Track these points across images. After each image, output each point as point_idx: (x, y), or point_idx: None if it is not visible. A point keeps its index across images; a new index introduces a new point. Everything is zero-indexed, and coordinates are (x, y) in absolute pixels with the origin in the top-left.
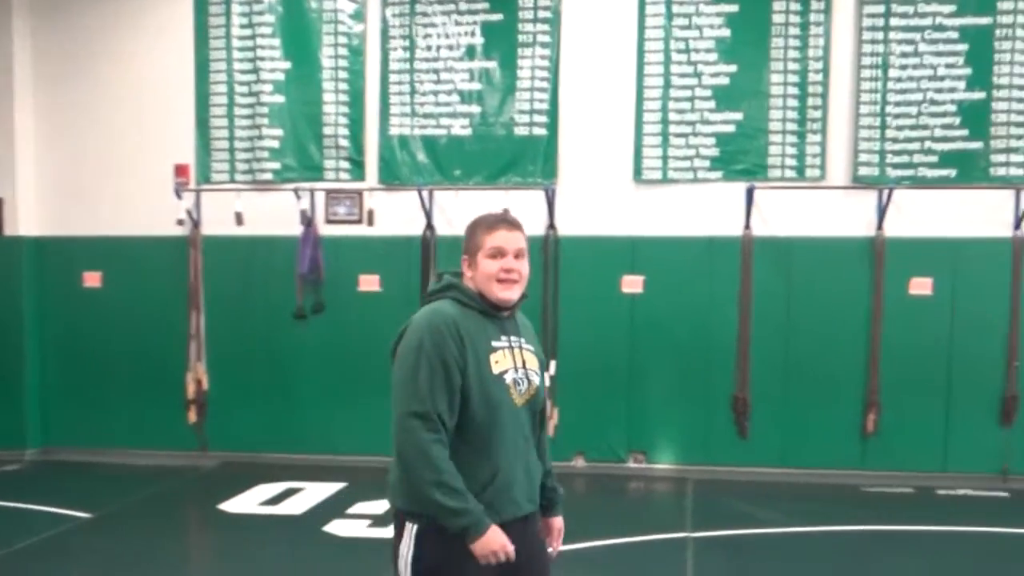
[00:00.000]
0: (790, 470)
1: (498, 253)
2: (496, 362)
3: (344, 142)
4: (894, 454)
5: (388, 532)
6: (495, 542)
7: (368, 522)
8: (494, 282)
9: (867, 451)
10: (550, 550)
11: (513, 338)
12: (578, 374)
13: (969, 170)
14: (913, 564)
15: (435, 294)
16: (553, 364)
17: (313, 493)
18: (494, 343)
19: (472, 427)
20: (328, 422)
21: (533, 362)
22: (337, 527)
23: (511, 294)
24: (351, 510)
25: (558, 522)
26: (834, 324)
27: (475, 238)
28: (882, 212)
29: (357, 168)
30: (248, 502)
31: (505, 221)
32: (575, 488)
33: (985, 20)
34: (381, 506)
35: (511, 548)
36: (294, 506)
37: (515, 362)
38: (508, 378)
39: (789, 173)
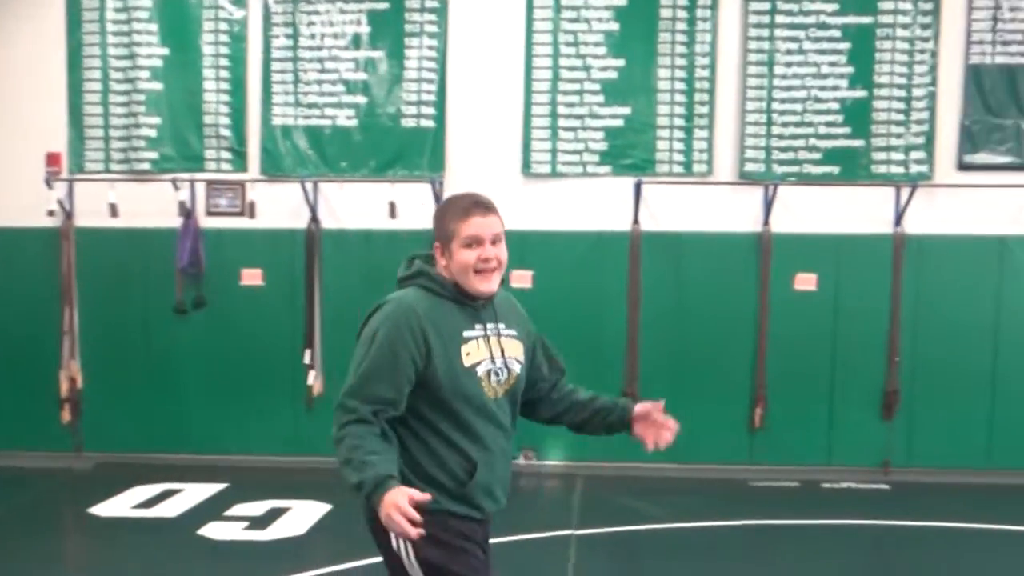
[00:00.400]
0: (679, 465)
1: (474, 241)
2: (467, 354)
3: (225, 131)
4: (780, 448)
5: (264, 535)
6: (388, 503)
7: (245, 524)
8: (471, 273)
9: (754, 445)
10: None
11: (490, 326)
12: None
13: (852, 167)
14: (798, 558)
15: (404, 281)
16: None
17: (192, 495)
18: (467, 333)
19: (443, 421)
20: (211, 420)
21: (515, 348)
22: (212, 530)
23: (490, 285)
24: (230, 512)
25: (644, 409)
26: (722, 319)
27: (447, 225)
28: (768, 208)
29: (239, 158)
30: (121, 505)
31: (479, 204)
32: None
33: (867, 19)
34: (261, 507)
35: (410, 512)
36: (170, 508)
37: (491, 352)
38: (481, 370)
39: (677, 168)
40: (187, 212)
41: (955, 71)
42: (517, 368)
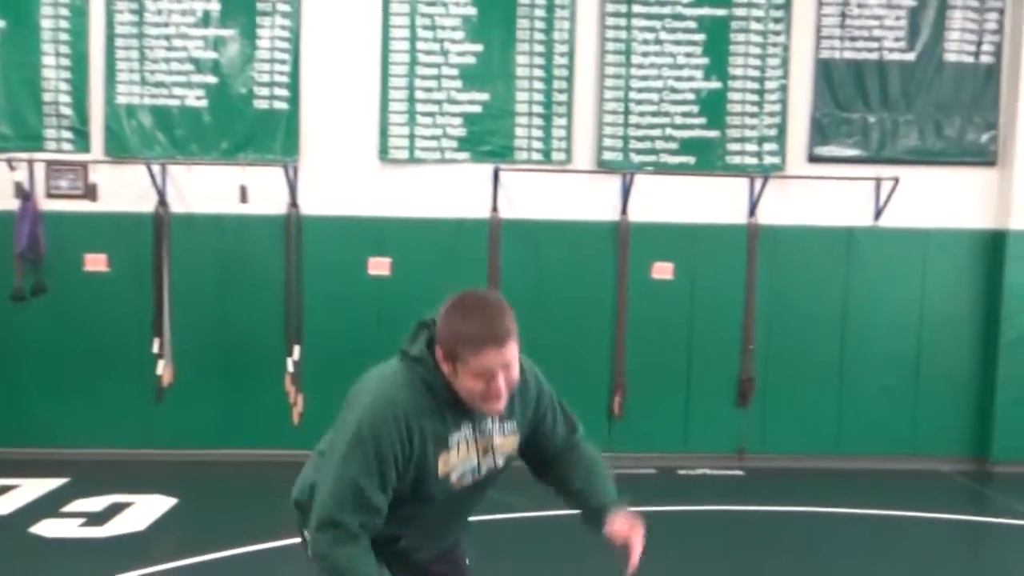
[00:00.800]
0: None
1: (486, 374)
2: (444, 463)
3: (66, 110)
4: (638, 435)
5: (101, 531)
6: None
7: (81, 521)
8: (478, 399)
9: (613, 433)
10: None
11: (480, 425)
12: (325, 360)
13: (707, 158)
14: (654, 543)
15: (404, 358)
16: (297, 349)
17: (29, 490)
18: (452, 436)
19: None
20: (52, 412)
21: (506, 444)
22: (45, 527)
23: (498, 406)
24: (67, 508)
25: (619, 528)
26: (580, 307)
27: (454, 346)
28: (626, 197)
29: (81, 138)
30: None
31: (494, 337)
32: None
33: (721, 12)
34: (101, 503)
35: None
36: (3, 505)
37: (474, 455)
38: (453, 477)
39: (536, 156)
40: (25, 194)
41: (806, 65)
42: (501, 462)
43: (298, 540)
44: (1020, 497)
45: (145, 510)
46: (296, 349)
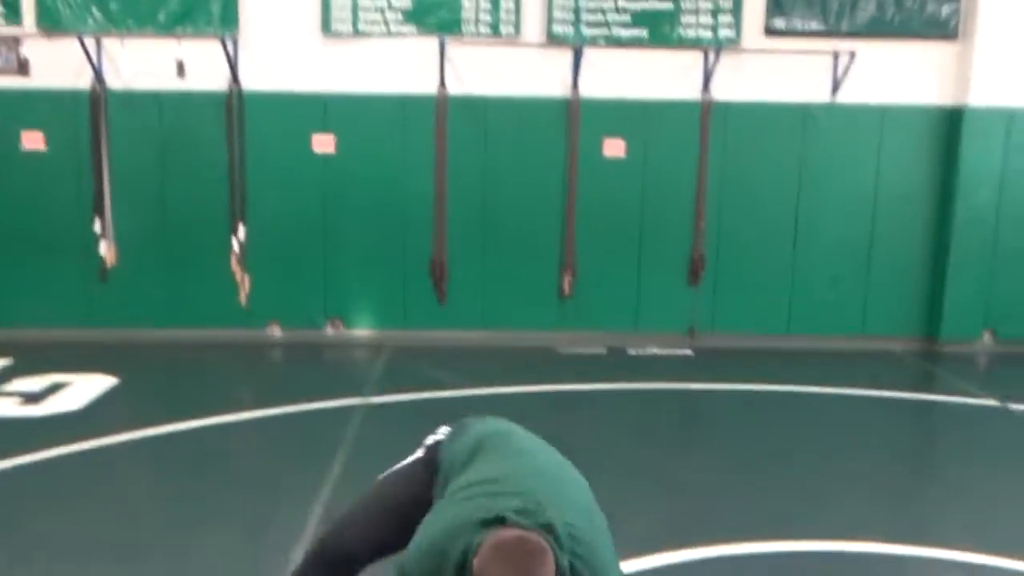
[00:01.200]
0: (489, 333)
1: None
2: None
3: None
4: (589, 315)
5: (38, 409)
6: None
7: (19, 399)
8: None
9: (564, 313)
10: None
11: None
12: (270, 239)
13: (660, 30)
14: (602, 421)
15: None
16: (242, 229)
17: None
18: None
19: None
20: None
21: None
22: None
23: None
24: (6, 387)
25: None
26: (530, 185)
27: None
28: (576, 72)
29: (11, 11)
30: None
31: None
32: (271, 357)
33: None
34: (40, 382)
35: None
36: None
37: None
38: None
39: (484, 29)
40: None
41: None
42: None
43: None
44: (967, 376)
45: (85, 389)
46: (241, 228)
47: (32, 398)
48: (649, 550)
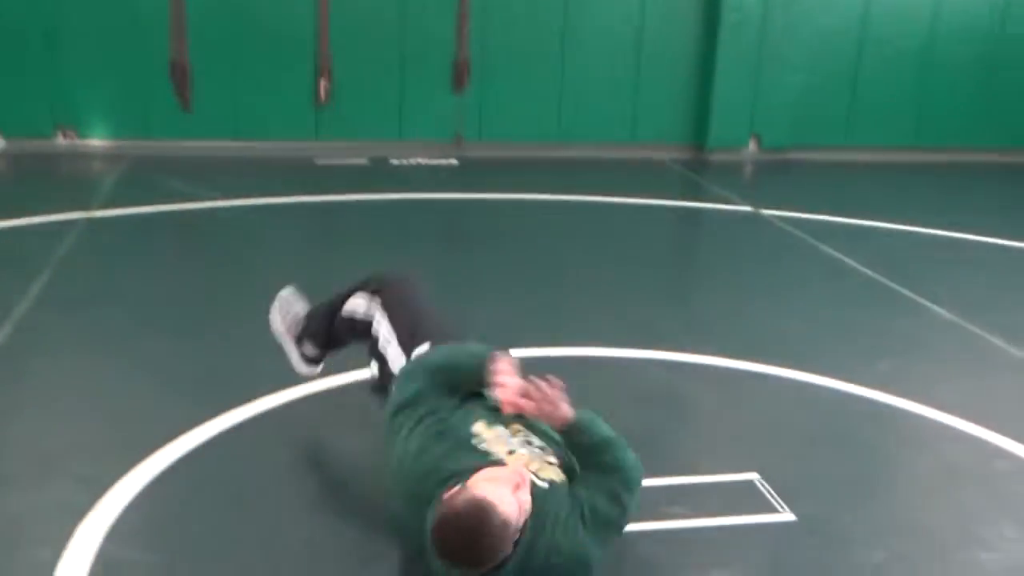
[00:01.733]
0: (240, 143)
1: None
2: None
3: None
4: (349, 124)
5: None
6: None
7: None
8: None
9: (320, 121)
10: None
11: None
12: None
13: None
14: (364, 231)
15: None
16: None
17: None
18: None
19: None
20: None
21: None
22: None
23: None
24: None
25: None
26: None
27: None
28: None
29: None
30: None
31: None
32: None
33: None
34: None
35: None
36: None
37: None
38: None
39: None
40: None
41: None
42: None
43: None
44: (730, 184)
45: None
46: None
47: None
48: None
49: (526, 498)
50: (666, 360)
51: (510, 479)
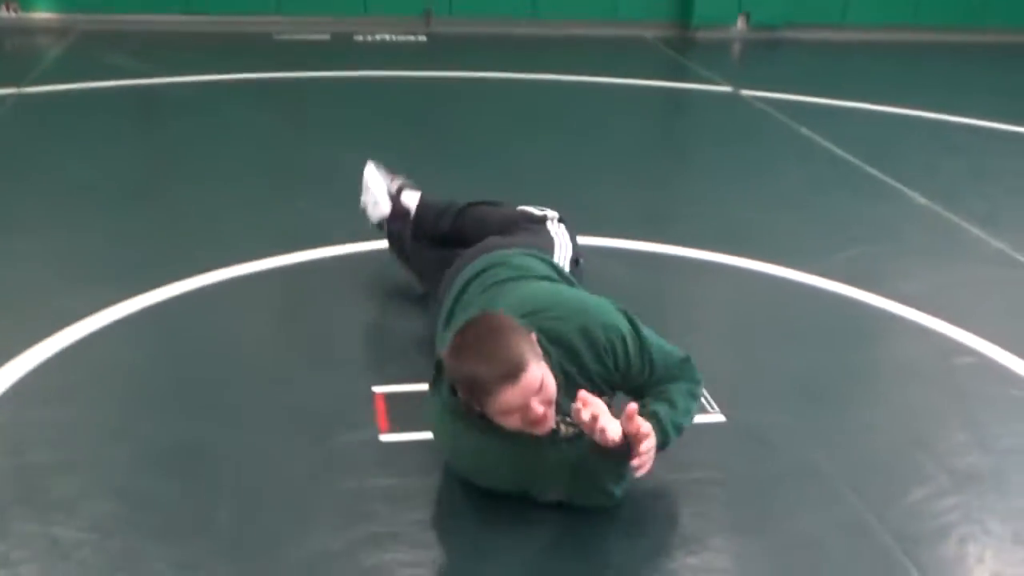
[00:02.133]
0: (194, 18)
1: (514, 411)
2: None
3: None
4: None
5: None
6: None
7: None
8: (523, 428)
9: None
10: None
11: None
12: None
13: None
14: (325, 107)
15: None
16: None
17: None
18: None
19: None
20: None
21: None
22: None
23: (544, 428)
24: None
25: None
26: None
27: (470, 393)
28: None
29: None
30: None
31: (505, 376)
32: None
33: None
34: None
35: None
36: None
37: None
38: None
39: None
40: None
41: None
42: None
43: None
44: (713, 63)
45: None
46: None
47: None
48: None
49: None
50: (617, 248)
51: None
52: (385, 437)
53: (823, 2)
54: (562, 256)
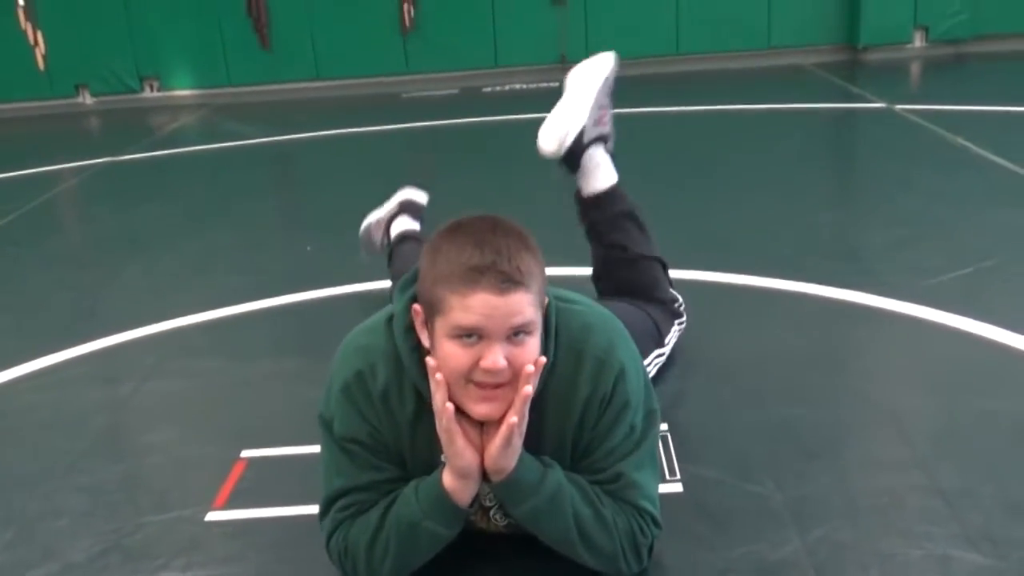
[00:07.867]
0: (324, 83)
1: (472, 334)
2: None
3: None
4: (439, 52)
5: None
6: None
7: None
8: (462, 385)
9: (408, 52)
10: None
11: None
12: None
13: None
14: (450, 153)
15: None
16: None
17: None
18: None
19: None
20: None
21: None
22: None
23: (491, 410)
24: None
25: None
26: None
27: (435, 286)
28: None
29: None
30: None
31: (492, 268)
32: (86, 125)
33: None
34: None
35: None
36: None
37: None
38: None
39: None
40: None
41: None
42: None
43: None
44: (883, 86)
45: None
46: None
47: None
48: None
49: None
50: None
51: None
52: (212, 515)
53: (1016, 5)
54: (655, 361)
